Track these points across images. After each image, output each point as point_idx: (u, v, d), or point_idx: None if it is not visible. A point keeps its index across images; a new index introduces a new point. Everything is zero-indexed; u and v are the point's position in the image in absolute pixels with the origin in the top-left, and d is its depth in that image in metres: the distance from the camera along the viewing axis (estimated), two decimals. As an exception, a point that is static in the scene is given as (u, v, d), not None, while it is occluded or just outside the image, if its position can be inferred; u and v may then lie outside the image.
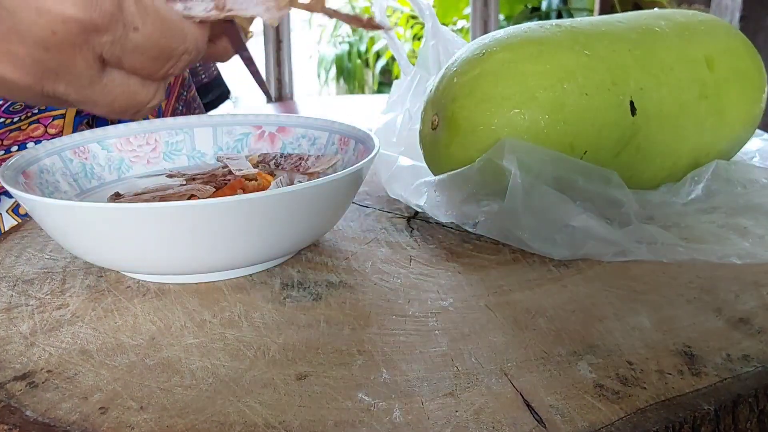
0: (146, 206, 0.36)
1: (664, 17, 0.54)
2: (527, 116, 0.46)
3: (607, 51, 0.49)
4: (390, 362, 0.34)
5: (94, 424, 0.30)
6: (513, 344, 0.36)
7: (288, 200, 0.38)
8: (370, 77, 3.72)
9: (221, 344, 0.36)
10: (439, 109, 0.49)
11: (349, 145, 0.51)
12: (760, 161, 0.58)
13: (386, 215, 0.53)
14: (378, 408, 0.31)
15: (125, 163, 0.53)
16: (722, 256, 0.44)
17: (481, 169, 0.45)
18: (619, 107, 0.48)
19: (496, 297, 0.40)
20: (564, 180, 0.45)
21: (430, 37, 0.61)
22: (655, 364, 0.34)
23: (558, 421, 0.30)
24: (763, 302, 0.40)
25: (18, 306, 0.40)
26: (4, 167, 0.43)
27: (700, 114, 0.51)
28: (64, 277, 0.43)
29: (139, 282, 0.42)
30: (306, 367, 0.34)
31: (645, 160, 0.50)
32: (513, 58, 0.47)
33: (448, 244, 0.48)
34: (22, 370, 0.34)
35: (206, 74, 0.88)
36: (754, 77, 0.55)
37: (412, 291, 0.41)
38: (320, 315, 0.39)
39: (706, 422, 0.30)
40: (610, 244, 0.44)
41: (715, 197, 0.50)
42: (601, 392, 0.32)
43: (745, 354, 0.35)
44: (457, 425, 0.29)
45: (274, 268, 0.44)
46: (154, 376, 0.33)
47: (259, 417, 0.30)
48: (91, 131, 0.53)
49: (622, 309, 0.39)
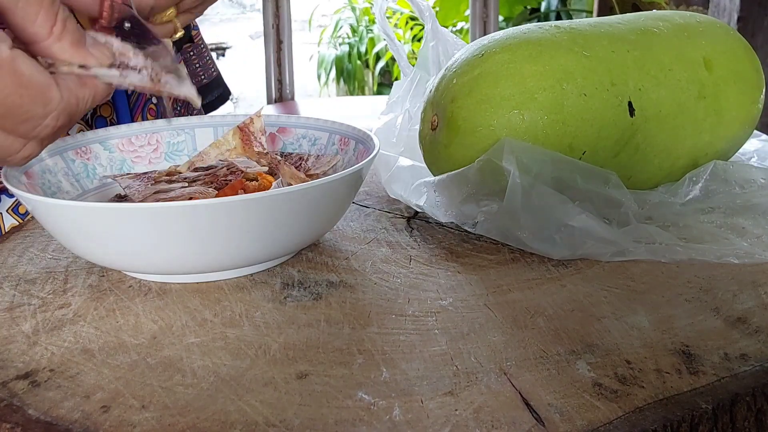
0: (148, 206, 0.36)
1: (662, 18, 0.54)
2: (526, 117, 0.46)
3: (606, 52, 0.49)
4: (390, 361, 0.34)
5: (95, 423, 0.30)
6: (512, 343, 0.36)
7: (288, 200, 0.39)
8: (370, 78, 3.72)
9: (222, 343, 0.36)
10: (439, 109, 0.49)
11: (349, 146, 0.52)
12: (758, 161, 0.59)
13: (386, 215, 0.53)
14: (378, 407, 0.31)
15: (127, 163, 0.53)
16: (720, 255, 0.44)
17: (481, 170, 0.45)
18: (618, 108, 0.48)
19: (495, 296, 0.41)
20: (563, 180, 0.45)
21: (429, 39, 0.62)
22: (653, 363, 0.34)
23: (557, 420, 0.30)
24: (761, 302, 0.40)
25: (20, 305, 0.40)
26: (7, 167, 0.43)
27: (699, 114, 0.52)
28: (66, 277, 0.43)
29: (140, 281, 0.43)
30: (306, 366, 0.34)
31: (643, 160, 0.50)
32: (512, 59, 0.47)
33: (448, 244, 0.48)
34: (25, 369, 0.34)
35: (206, 75, 0.88)
36: (752, 78, 0.55)
37: (412, 291, 0.41)
38: (320, 314, 0.39)
39: (704, 421, 0.31)
40: (609, 243, 0.44)
41: (713, 197, 0.51)
42: (599, 391, 0.32)
43: (743, 353, 0.35)
44: (457, 424, 0.30)
45: (275, 268, 0.44)
46: (156, 375, 0.33)
47: (259, 415, 0.30)
48: (93, 132, 0.53)
49: (621, 308, 0.39)
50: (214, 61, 0.89)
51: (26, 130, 0.35)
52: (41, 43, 0.34)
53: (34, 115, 0.34)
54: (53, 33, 0.34)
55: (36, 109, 0.34)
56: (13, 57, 0.32)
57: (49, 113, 0.35)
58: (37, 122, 0.35)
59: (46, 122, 0.35)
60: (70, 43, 0.35)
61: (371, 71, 3.69)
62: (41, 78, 0.34)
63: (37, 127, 0.35)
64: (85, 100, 0.36)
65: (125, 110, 0.65)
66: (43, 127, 0.35)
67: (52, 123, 0.35)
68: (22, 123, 0.34)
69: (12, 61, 0.32)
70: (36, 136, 0.36)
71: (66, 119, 0.36)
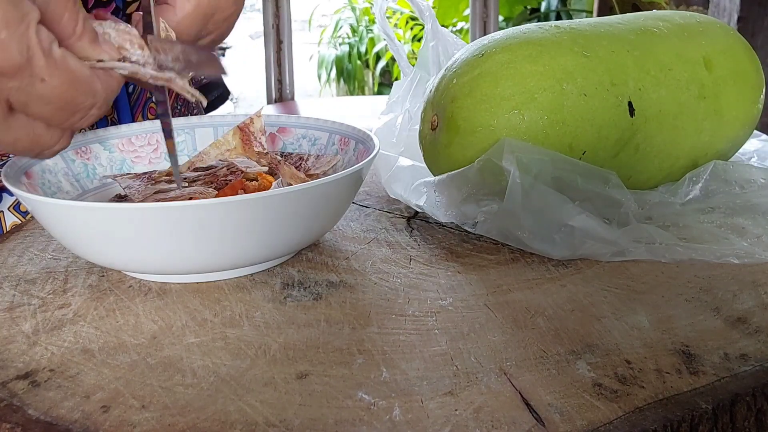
0: (147, 206, 0.36)
1: (662, 18, 0.54)
2: (526, 117, 0.46)
3: (606, 52, 0.49)
4: (390, 361, 0.34)
5: (95, 423, 0.30)
6: (512, 343, 0.36)
7: (288, 200, 0.39)
8: (370, 78, 3.72)
9: (222, 343, 0.36)
10: (439, 109, 0.49)
11: (349, 146, 0.52)
12: (758, 161, 0.59)
13: (386, 215, 0.53)
14: (378, 407, 0.31)
15: (127, 163, 0.53)
16: (720, 255, 0.44)
17: (481, 170, 0.45)
18: (618, 108, 0.48)
19: (495, 296, 0.41)
20: (563, 180, 0.45)
21: (429, 39, 0.62)
22: (653, 363, 0.34)
23: (557, 420, 0.30)
24: (761, 301, 0.40)
25: (20, 305, 0.40)
26: (7, 167, 0.43)
27: (699, 114, 0.52)
28: (66, 277, 0.43)
29: (140, 281, 0.43)
30: (306, 366, 0.34)
31: (643, 160, 0.50)
32: (512, 59, 0.47)
33: (448, 244, 0.48)
34: (25, 369, 0.34)
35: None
36: (752, 78, 0.55)
37: (412, 291, 0.41)
38: (320, 314, 0.39)
39: (704, 421, 0.31)
40: (609, 243, 0.44)
41: (713, 197, 0.51)
42: (599, 391, 0.32)
43: (743, 353, 0.35)
44: (457, 424, 0.30)
45: (275, 268, 0.44)
46: (156, 375, 0.33)
47: (259, 415, 0.30)
48: (93, 131, 0.53)
49: (621, 308, 0.39)
50: (214, 61, 0.88)
51: (73, 122, 0.37)
52: (66, 41, 0.36)
53: (82, 107, 0.37)
54: (75, 32, 0.36)
55: (86, 101, 0.37)
56: (64, 55, 0.35)
57: (94, 104, 0.37)
58: (85, 113, 0.37)
59: (92, 112, 0.38)
60: (89, 40, 0.37)
61: (371, 71, 3.69)
62: (87, 72, 0.36)
63: (84, 117, 0.37)
64: (114, 90, 0.39)
65: (126, 110, 0.65)
66: (90, 117, 0.38)
67: (95, 113, 0.38)
68: (71, 115, 0.37)
69: (64, 59, 0.35)
70: (78, 128, 0.38)
71: (106, 109, 0.39)
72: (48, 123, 0.37)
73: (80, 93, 0.36)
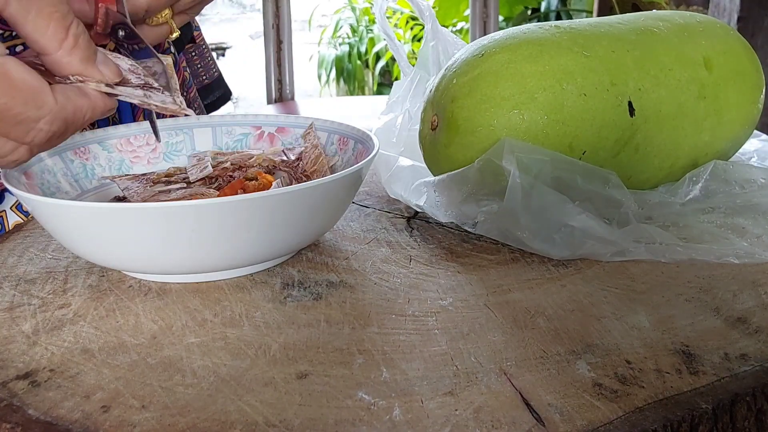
0: (147, 206, 0.36)
1: (662, 18, 0.54)
2: (526, 117, 0.46)
3: (606, 52, 0.49)
4: (390, 361, 0.34)
5: (96, 423, 0.30)
6: (512, 343, 0.36)
7: (288, 200, 0.39)
8: (370, 78, 3.72)
9: (222, 343, 0.36)
10: (439, 109, 0.49)
11: (348, 146, 0.52)
12: (758, 161, 0.59)
13: (386, 215, 0.53)
14: (378, 407, 0.31)
15: (126, 163, 0.53)
16: (720, 255, 0.44)
17: (481, 170, 0.45)
18: (618, 108, 0.48)
19: (495, 296, 0.41)
20: (563, 180, 0.45)
21: (429, 38, 0.62)
22: (653, 363, 0.34)
23: (557, 420, 0.30)
24: (761, 301, 0.40)
25: (20, 305, 0.40)
26: (6, 168, 0.43)
27: (699, 114, 0.52)
28: (66, 277, 0.43)
29: (140, 281, 0.43)
30: (306, 366, 0.34)
31: (643, 160, 0.50)
32: (512, 58, 0.47)
33: (448, 244, 0.48)
34: (25, 369, 0.34)
35: (207, 75, 0.88)
36: (752, 78, 0.55)
37: (412, 291, 0.41)
38: (320, 314, 0.39)
39: (704, 421, 0.31)
40: (609, 243, 0.44)
41: (713, 197, 0.51)
42: (599, 391, 0.32)
43: (743, 353, 0.35)
44: (457, 424, 0.30)
45: (275, 268, 0.44)
46: (156, 375, 0.33)
47: (259, 415, 0.30)
48: (92, 132, 0.53)
49: (621, 308, 0.39)
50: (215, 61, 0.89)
51: (19, 133, 0.36)
52: (51, 55, 0.35)
53: (26, 118, 0.35)
54: (63, 47, 0.35)
55: (28, 111, 0.35)
56: (4, 62, 0.34)
57: (42, 117, 0.36)
58: (30, 125, 0.36)
59: (40, 126, 0.36)
60: (80, 58, 0.36)
61: (371, 71, 3.69)
62: (34, 82, 0.35)
63: (30, 131, 0.36)
64: (83, 111, 0.37)
65: (127, 110, 0.65)
66: (37, 131, 0.36)
67: (45, 127, 0.36)
68: (15, 126, 0.35)
69: (2, 65, 0.34)
70: (30, 141, 0.37)
71: (61, 125, 0.37)
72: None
73: (19, 102, 0.34)
